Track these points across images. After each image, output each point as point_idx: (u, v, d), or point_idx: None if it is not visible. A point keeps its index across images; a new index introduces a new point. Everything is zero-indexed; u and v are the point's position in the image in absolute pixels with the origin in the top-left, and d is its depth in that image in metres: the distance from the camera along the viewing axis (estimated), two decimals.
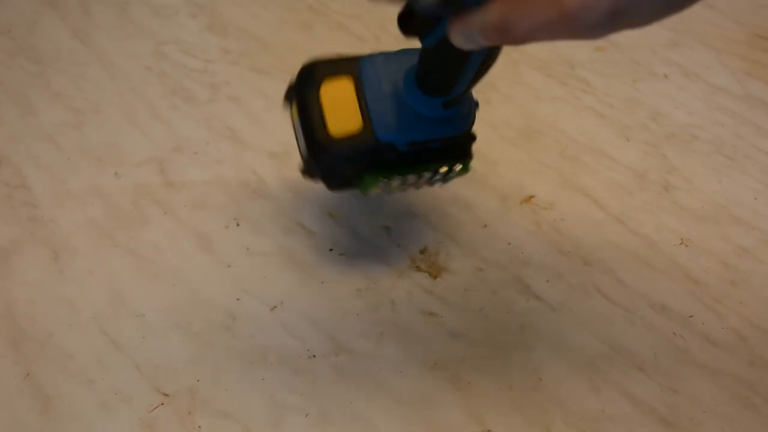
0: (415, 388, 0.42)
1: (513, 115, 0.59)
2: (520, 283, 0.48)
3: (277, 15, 0.68)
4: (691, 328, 0.46)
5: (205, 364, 0.43)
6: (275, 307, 0.46)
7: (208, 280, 0.47)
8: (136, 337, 0.44)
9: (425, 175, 0.43)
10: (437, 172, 0.43)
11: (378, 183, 0.42)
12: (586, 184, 0.54)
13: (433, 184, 0.45)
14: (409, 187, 0.44)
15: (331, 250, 0.49)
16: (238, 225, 0.50)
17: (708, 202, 0.53)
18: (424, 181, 0.44)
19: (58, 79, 0.60)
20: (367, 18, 0.69)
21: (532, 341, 0.45)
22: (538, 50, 0.64)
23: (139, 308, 0.45)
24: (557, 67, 0.63)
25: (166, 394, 0.41)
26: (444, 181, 0.45)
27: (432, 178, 0.44)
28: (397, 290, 0.47)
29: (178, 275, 0.47)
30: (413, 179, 0.43)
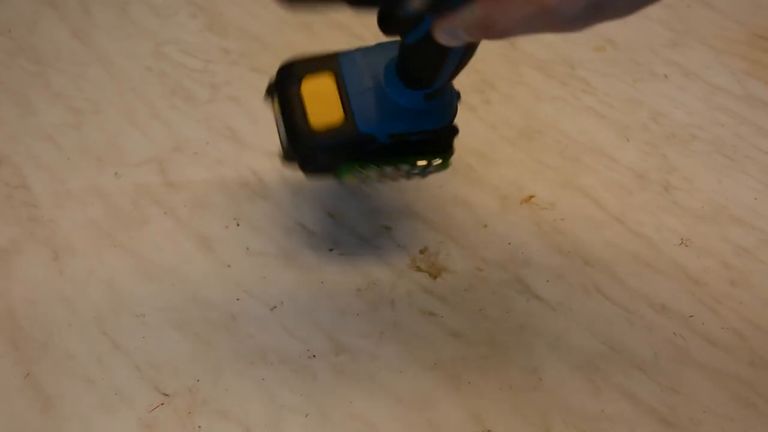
0: (415, 388, 0.42)
1: (513, 115, 0.59)
2: (519, 283, 0.48)
3: (277, 15, 0.68)
4: (691, 328, 0.46)
5: (205, 364, 0.43)
6: (275, 307, 0.46)
7: (208, 280, 0.47)
8: (136, 337, 0.44)
9: (403, 168, 0.43)
10: (415, 166, 0.43)
11: (354, 172, 0.42)
12: (586, 184, 0.54)
13: (411, 178, 0.45)
14: (386, 178, 0.44)
15: (331, 250, 0.49)
16: (238, 225, 0.50)
17: (708, 202, 0.53)
18: (401, 174, 0.44)
19: (58, 79, 0.60)
20: (367, 18, 0.69)
21: (532, 341, 0.45)
22: (538, 50, 0.64)
23: (139, 308, 0.45)
24: (557, 67, 0.63)
25: (166, 394, 0.41)
26: (422, 176, 0.45)
27: (410, 172, 0.44)
28: (397, 290, 0.47)
29: (178, 275, 0.47)
30: (390, 171, 0.43)
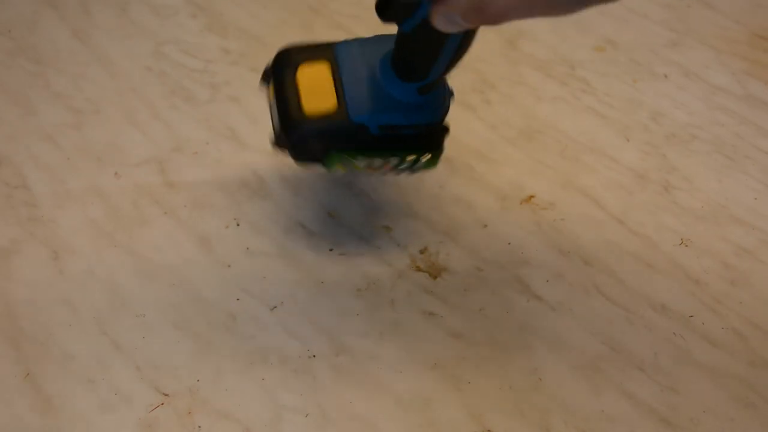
0: (415, 388, 0.42)
1: (513, 115, 0.59)
2: (520, 283, 0.48)
3: (277, 15, 0.68)
4: (691, 328, 0.46)
5: (205, 364, 0.43)
6: (275, 307, 0.46)
7: (208, 280, 0.47)
8: (136, 337, 0.44)
9: (392, 161, 0.43)
10: (404, 160, 0.43)
11: (343, 161, 0.43)
12: (586, 184, 0.54)
13: (400, 173, 0.45)
14: (374, 171, 0.44)
15: (331, 250, 0.49)
16: (238, 225, 0.50)
17: (708, 202, 0.53)
18: (390, 167, 0.44)
19: (58, 79, 0.60)
20: (367, 18, 0.69)
21: (532, 341, 0.45)
22: (538, 50, 0.64)
23: (139, 308, 0.45)
24: (557, 67, 0.63)
25: (166, 394, 0.41)
26: (411, 171, 0.45)
27: (399, 166, 0.44)
28: (397, 290, 0.47)
29: (178, 275, 0.47)
30: (379, 163, 0.43)
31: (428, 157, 0.44)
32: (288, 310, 0.46)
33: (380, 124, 0.41)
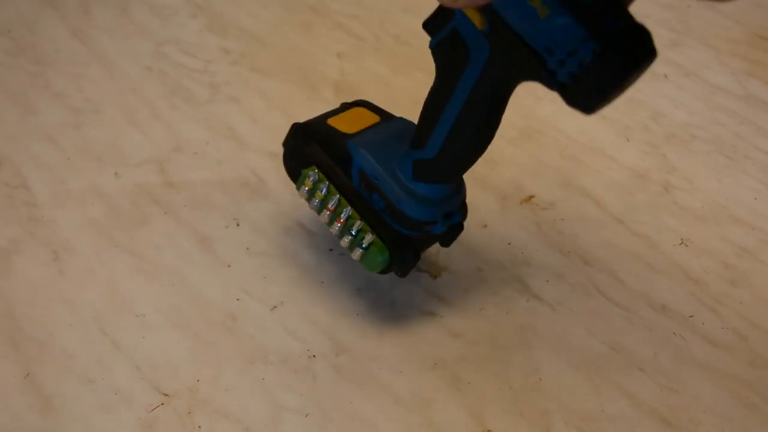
0: (415, 388, 0.42)
1: (513, 115, 0.59)
2: (520, 283, 0.48)
3: (277, 15, 0.68)
4: (691, 328, 0.46)
5: (205, 364, 0.43)
6: (275, 307, 0.46)
7: (208, 280, 0.47)
8: (136, 337, 0.44)
9: (342, 215, 0.42)
10: (353, 225, 0.42)
11: (309, 178, 0.43)
12: (586, 184, 0.54)
13: (341, 239, 0.43)
14: (327, 212, 0.43)
15: (331, 250, 0.49)
16: (238, 225, 0.50)
17: (708, 202, 0.53)
18: (340, 221, 0.42)
19: (58, 79, 0.60)
20: (367, 18, 0.69)
21: (532, 341, 0.45)
22: None
23: (139, 308, 0.45)
24: None
25: (166, 394, 0.41)
26: (350, 248, 0.42)
27: (345, 229, 0.42)
28: (397, 290, 0.47)
29: (178, 275, 0.47)
30: (334, 203, 0.42)
31: (373, 240, 0.41)
32: (288, 310, 0.46)
33: (361, 167, 0.41)
